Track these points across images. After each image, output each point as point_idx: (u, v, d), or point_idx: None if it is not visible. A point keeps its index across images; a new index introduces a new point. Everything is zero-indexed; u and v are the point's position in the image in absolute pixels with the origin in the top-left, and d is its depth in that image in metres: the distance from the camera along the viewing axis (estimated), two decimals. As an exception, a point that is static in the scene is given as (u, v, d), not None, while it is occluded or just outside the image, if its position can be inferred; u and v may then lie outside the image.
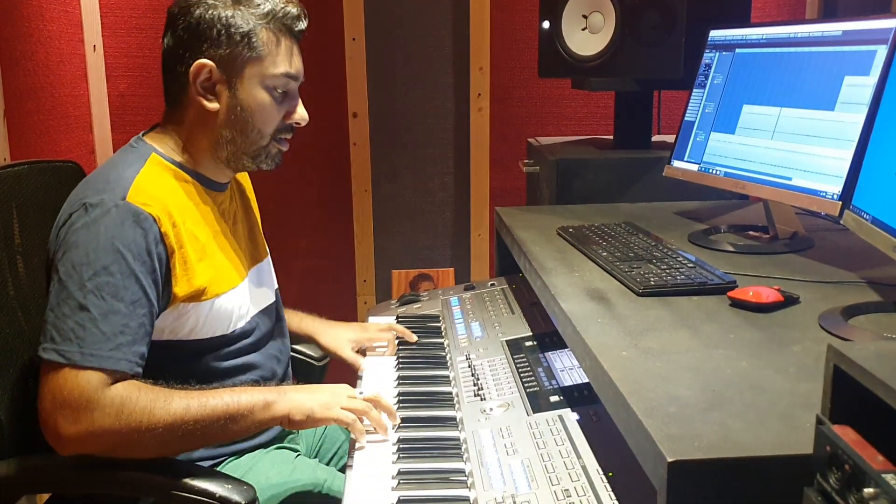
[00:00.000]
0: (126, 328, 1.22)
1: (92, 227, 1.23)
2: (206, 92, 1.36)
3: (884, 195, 1.21)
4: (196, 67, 1.34)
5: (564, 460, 1.17)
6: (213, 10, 1.33)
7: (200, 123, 1.38)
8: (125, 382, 1.21)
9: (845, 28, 1.47)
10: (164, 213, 1.28)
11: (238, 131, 1.38)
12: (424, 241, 3.06)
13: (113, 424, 1.18)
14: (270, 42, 1.36)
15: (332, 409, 1.32)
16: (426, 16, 2.86)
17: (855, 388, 0.69)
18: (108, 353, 1.19)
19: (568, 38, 2.21)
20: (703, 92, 1.81)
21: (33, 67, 2.34)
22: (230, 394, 1.28)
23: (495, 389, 1.45)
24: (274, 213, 2.88)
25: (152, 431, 1.20)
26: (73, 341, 1.18)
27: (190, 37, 1.34)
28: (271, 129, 1.41)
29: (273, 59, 1.37)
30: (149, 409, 1.20)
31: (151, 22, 2.76)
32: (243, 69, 1.35)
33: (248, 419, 1.28)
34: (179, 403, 1.23)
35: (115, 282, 1.21)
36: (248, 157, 1.41)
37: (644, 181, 2.15)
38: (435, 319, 1.87)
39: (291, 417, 1.30)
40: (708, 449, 0.82)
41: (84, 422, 1.18)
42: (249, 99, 1.37)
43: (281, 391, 1.33)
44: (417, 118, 2.94)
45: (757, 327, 1.18)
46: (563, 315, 1.27)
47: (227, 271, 1.40)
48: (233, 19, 1.33)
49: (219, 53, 1.34)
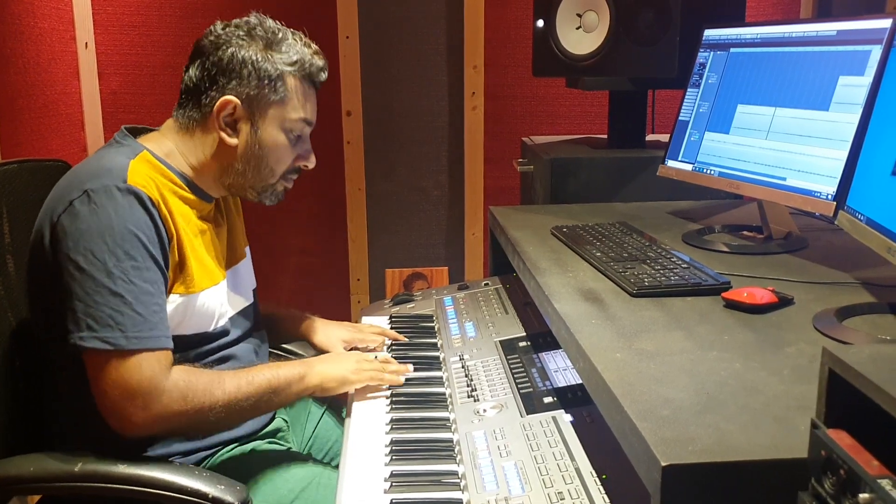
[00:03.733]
0: (157, 307, 1.27)
1: (101, 212, 1.24)
2: (227, 126, 1.40)
3: (878, 196, 1.21)
4: (222, 103, 1.38)
5: (558, 462, 1.17)
6: (246, 51, 1.38)
7: (214, 152, 1.42)
8: (179, 368, 1.29)
9: (840, 28, 1.46)
10: (160, 199, 1.31)
11: (251, 167, 1.43)
12: (418, 240, 3.05)
13: (182, 407, 1.26)
14: (295, 88, 1.42)
15: (360, 373, 1.47)
16: (420, 14, 2.85)
17: (850, 392, 0.68)
18: (150, 332, 1.25)
19: (562, 36, 2.20)
20: (698, 91, 1.81)
21: (24, 65, 2.32)
22: (269, 369, 1.38)
23: (489, 390, 1.44)
24: (268, 211, 2.86)
25: (213, 410, 1.29)
26: (113, 327, 1.22)
27: (219, 72, 1.38)
28: (282, 170, 1.46)
29: (294, 105, 1.42)
30: (209, 390, 1.29)
31: (144, 19, 2.75)
32: (267, 110, 1.40)
33: (287, 391, 1.39)
34: (231, 383, 1.32)
35: (139, 264, 1.25)
36: (255, 190, 1.48)
37: (638, 181, 2.15)
38: (428, 319, 1.86)
39: (324, 386, 1.43)
40: (702, 453, 0.81)
41: (154, 408, 1.24)
42: (268, 139, 1.42)
43: (308, 364, 1.44)
44: (411, 117, 2.93)
45: (751, 328, 1.18)
46: (557, 316, 1.26)
47: (208, 269, 1.42)
48: (263, 63, 1.38)
49: (245, 92, 1.38)
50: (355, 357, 1.52)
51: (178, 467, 1.28)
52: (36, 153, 2.34)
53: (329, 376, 1.43)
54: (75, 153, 2.66)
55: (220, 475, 1.27)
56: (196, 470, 1.28)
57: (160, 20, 2.76)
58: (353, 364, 1.47)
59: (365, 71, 2.85)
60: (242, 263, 1.60)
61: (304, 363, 1.44)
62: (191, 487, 1.22)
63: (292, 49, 1.41)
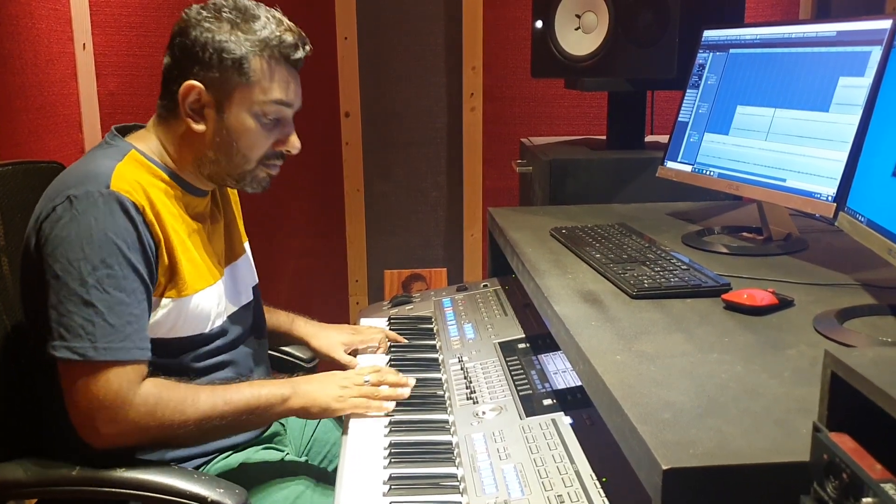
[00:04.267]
0: (132, 317, 1.24)
1: (81, 219, 1.22)
2: (193, 113, 1.36)
3: (879, 197, 1.20)
4: (185, 88, 1.34)
5: (558, 465, 1.16)
6: (209, 32, 1.33)
7: (187, 141, 1.38)
8: (153, 380, 1.25)
9: (840, 29, 1.46)
10: (147, 203, 1.28)
11: (222, 154, 1.38)
12: (417, 241, 3.04)
13: (149, 423, 1.24)
14: (263, 69, 1.35)
15: (345, 400, 1.39)
16: (418, 15, 2.84)
17: (853, 395, 0.68)
18: (120, 344, 1.22)
19: (561, 37, 2.20)
20: (697, 92, 1.80)
21: (22, 66, 2.32)
22: (250, 388, 1.33)
23: (488, 392, 1.43)
24: (266, 212, 2.87)
25: (184, 427, 1.26)
26: (83, 337, 1.20)
27: (183, 56, 1.34)
28: (258, 155, 1.40)
29: (263, 87, 1.35)
30: (180, 408, 1.25)
31: (141, 20, 2.74)
32: (232, 94, 1.35)
33: (267, 413, 1.34)
34: (207, 401, 1.28)
35: (114, 273, 1.22)
36: (232, 178, 1.42)
37: (637, 182, 2.14)
38: (427, 321, 1.86)
39: (308, 411, 1.37)
40: (703, 456, 0.81)
41: (121, 421, 1.22)
42: (236, 124, 1.36)
43: (293, 384, 1.38)
44: (410, 118, 2.93)
45: (751, 330, 1.17)
46: (557, 318, 1.25)
47: (203, 269, 1.40)
48: (226, 44, 1.32)
49: (209, 76, 1.34)
50: (342, 381, 1.42)
51: (177, 470, 1.27)
52: (33, 154, 2.33)
53: (313, 401, 1.37)
54: (73, 154, 2.65)
55: (218, 479, 1.26)
56: (195, 473, 1.27)
57: (158, 21, 2.75)
58: (338, 390, 1.39)
59: (363, 72, 2.84)
60: (242, 259, 1.58)
61: (289, 383, 1.38)
62: (189, 491, 1.21)
63: (262, 28, 1.34)
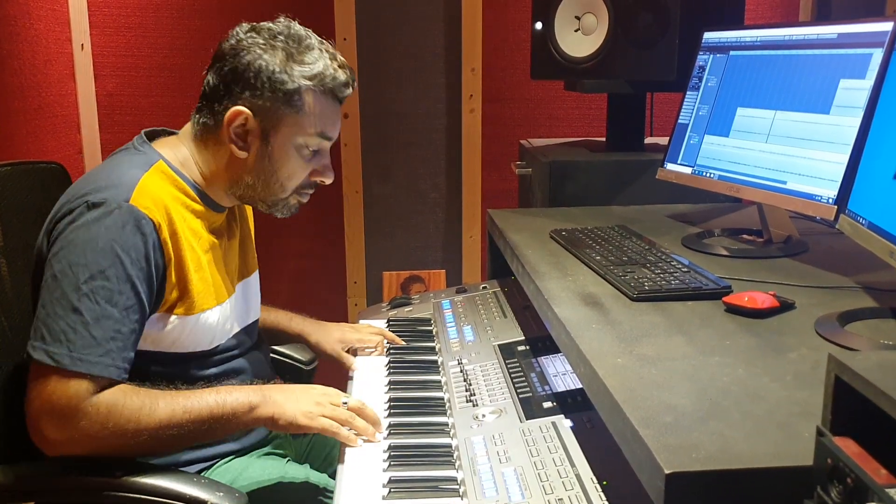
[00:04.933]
0: (118, 334, 1.21)
1: (93, 226, 1.21)
2: (237, 138, 1.34)
3: (880, 200, 1.20)
4: (233, 113, 1.32)
5: (558, 468, 1.16)
6: (263, 60, 1.31)
7: (225, 162, 1.37)
8: (112, 388, 1.21)
9: (841, 31, 1.46)
10: (165, 220, 1.27)
11: (261, 181, 1.38)
12: (416, 243, 3.03)
13: (99, 432, 1.19)
14: (313, 103, 1.34)
15: (314, 419, 1.30)
16: (418, 16, 2.84)
17: (856, 400, 0.68)
18: (98, 358, 1.19)
19: (561, 39, 2.19)
20: (697, 94, 1.80)
21: (20, 67, 2.31)
22: (214, 395, 1.27)
23: (488, 395, 1.43)
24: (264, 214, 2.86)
25: (138, 437, 1.21)
26: (63, 343, 1.18)
27: (234, 79, 1.32)
28: (294, 185, 1.41)
29: (312, 121, 1.35)
30: (135, 417, 1.21)
31: (140, 21, 2.73)
32: (279, 124, 1.34)
33: (232, 422, 1.28)
34: (164, 409, 1.23)
35: (110, 286, 1.20)
36: (264, 203, 1.43)
37: (637, 184, 2.14)
38: (426, 323, 1.85)
39: (276, 422, 1.29)
40: (706, 460, 0.80)
41: (69, 429, 1.18)
42: (279, 153, 1.36)
43: (264, 393, 1.31)
44: (409, 119, 2.92)
45: (752, 333, 1.17)
46: (557, 320, 1.25)
47: (215, 287, 1.39)
48: (280, 75, 1.31)
49: (258, 104, 1.32)
50: (319, 398, 1.33)
51: (177, 474, 1.26)
52: (31, 155, 2.32)
53: (281, 412, 1.28)
54: (71, 155, 2.65)
55: (218, 483, 1.25)
56: (195, 477, 1.27)
57: (157, 22, 2.75)
58: (311, 406, 1.30)
59: (362, 73, 2.84)
60: (254, 276, 1.57)
61: (260, 391, 1.31)
62: (189, 495, 1.20)
63: (315, 61, 1.33)
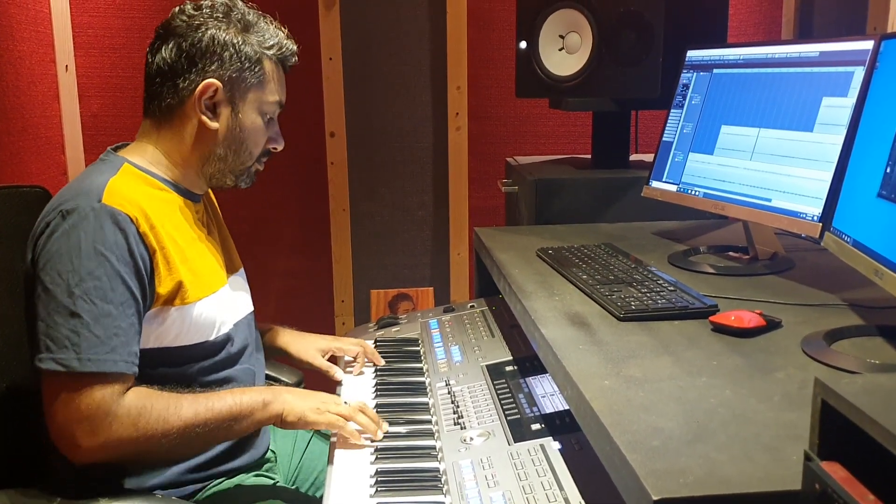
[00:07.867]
0: (119, 329, 1.23)
1: (72, 233, 1.23)
2: (207, 110, 1.39)
3: (864, 218, 1.20)
4: (205, 86, 1.37)
5: (546, 492, 1.15)
6: (225, 33, 1.38)
7: (194, 139, 1.41)
8: (136, 390, 1.25)
9: (823, 49, 1.47)
10: (141, 215, 1.29)
11: (232, 151, 1.43)
12: (403, 261, 3.03)
13: (132, 434, 1.22)
14: (271, 72, 1.43)
15: (322, 413, 1.37)
16: (403, 35, 2.84)
17: (844, 424, 0.67)
18: (105, 355, 1.21)
19: (545, 57, 2.20)
20: (681, 112, 1.81)
21: (3, 88, 2.29)
22: (232, 395, 1.33)
23: (476, 417, 1.42)
24: (251, 232, 2.85)
25: (167, 436, 1.25)
26: (68, 348, 1.20)
27: (198, 55, 1.37)
28: (258, 152, 1.47)
29: (271, 88, 1.44)
30: (163, 417, 1.25)
31: (124, 42, 2.72)
32: (247, 93, 1.41)
33: (249, 419, 1.34)
34: (189, 409, 1.27)
35: (102, 285, 1.22)
36: (233, 174, 1.47)
37: (623, 201, 2.14)
38: (414, 343, 1.84)
39: (285, 418, 1.35)
40: (694, 485, 0.80)
41: (102, 433, 1.21)
42: (248, 121, 1.43)
43: (276, 392, 1.38)
44: (395, 137, 2.92)
45: (739, 353, 1.17)
46: (544, 341, 1.24)
47: (207, 276, 1.40)
48: (243, 46, 1.39)
49: (227, 75, 1.39)
50: (324, 398, 1.42)
51: (160, 500, 1.25)
52: (16, 177, 2.31)
53: (291, 408, 1.36)
54: (55, 176, 2.63)
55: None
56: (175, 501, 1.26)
57: (141, 42, 2.71)
58: (317, 403, 1.39)
59: (348, 92, 2.84)
60: (241, 273, 1.60)
61: (271, 390, 1.40)
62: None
63: (268, 33, 1.43)
